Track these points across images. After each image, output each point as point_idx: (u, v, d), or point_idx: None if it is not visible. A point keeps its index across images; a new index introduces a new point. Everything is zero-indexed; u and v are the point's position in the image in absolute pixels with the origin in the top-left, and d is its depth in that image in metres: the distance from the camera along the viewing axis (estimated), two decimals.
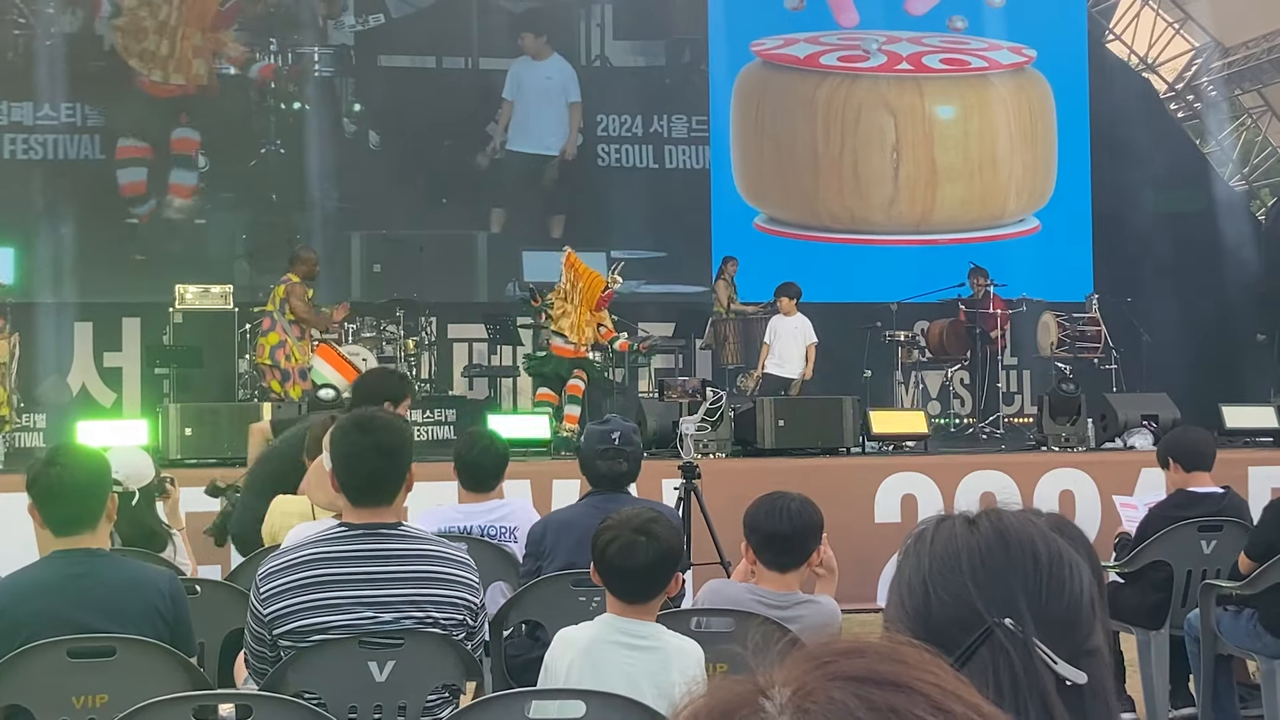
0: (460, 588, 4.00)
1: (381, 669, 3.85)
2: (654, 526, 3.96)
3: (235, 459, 10.59)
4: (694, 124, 17.92)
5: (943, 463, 11.20)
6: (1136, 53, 20.81)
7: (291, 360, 12.66)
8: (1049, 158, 18.63)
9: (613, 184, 17.15)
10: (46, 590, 4.04)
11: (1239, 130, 21.78)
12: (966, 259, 15.78)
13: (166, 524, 5.89)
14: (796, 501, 4.63)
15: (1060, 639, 1.53)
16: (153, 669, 3.94)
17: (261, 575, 3.94)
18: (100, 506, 4.15)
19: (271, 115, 16.98)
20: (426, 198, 16.65)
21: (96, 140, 16.31)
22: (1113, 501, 9.57)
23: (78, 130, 16.27)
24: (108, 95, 16.23)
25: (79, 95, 16.22)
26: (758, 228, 17.86)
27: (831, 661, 1.00)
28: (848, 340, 15.64)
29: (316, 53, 17.13)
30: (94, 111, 16.26)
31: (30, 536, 4.35)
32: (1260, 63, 20.15)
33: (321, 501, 5.22)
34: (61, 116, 16.20)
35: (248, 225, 16.56)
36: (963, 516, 1.63)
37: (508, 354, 15.25)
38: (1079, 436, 12.05)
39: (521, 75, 17.47)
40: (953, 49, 18.46)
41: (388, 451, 3.92)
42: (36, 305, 15.07)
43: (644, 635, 3.86)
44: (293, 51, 17.09)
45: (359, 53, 17.32)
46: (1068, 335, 14.62)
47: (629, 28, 18.01)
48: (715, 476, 9.21)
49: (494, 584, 5.49)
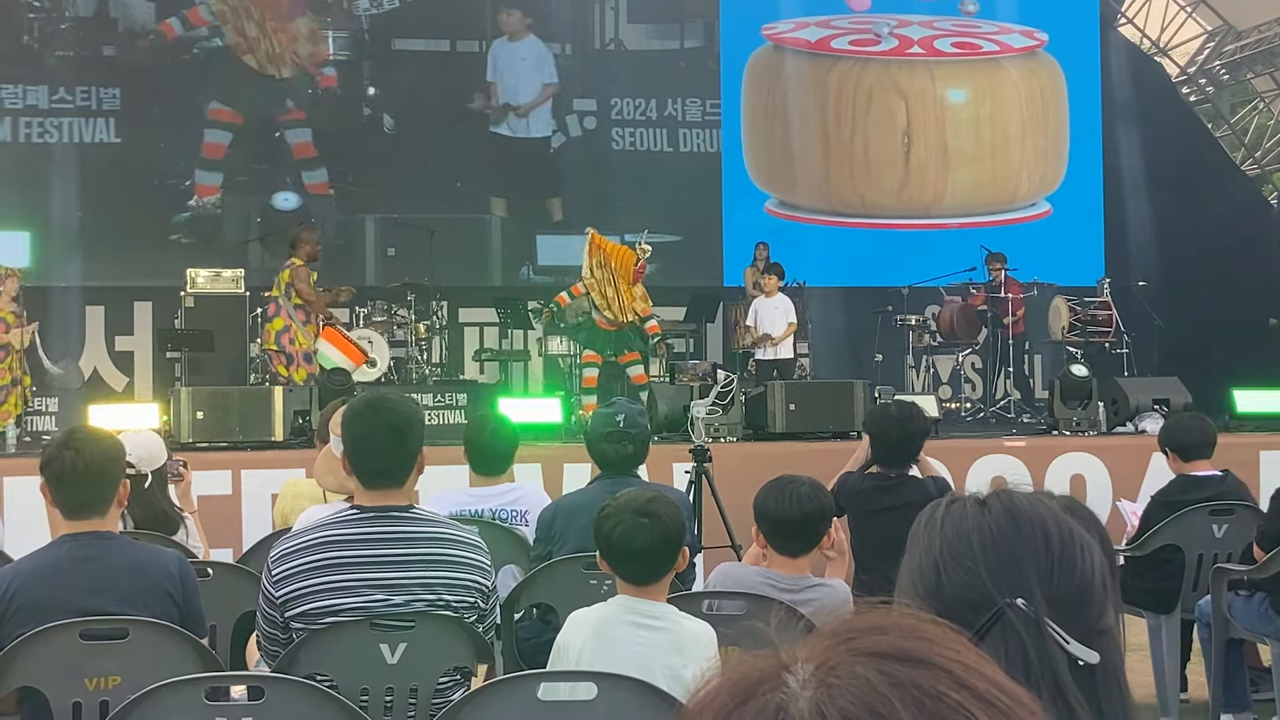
0: (472, 570, 4.00)
1: (393, 651, 3.85)
2: (654, 506, 3.94)
3: (246, 442, 10.64)
4: (708, 107, 17.90)
5: (954, 447, 11.19)
6: (1149, 36, 20.74)
7: (296, 344, 12.71)
8: (1060, 142, 18.59)
9: (626, 167, 17.15)
10: (56, 574, 4.04)
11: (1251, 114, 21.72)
12: (977, 243, 15.76)
13: (179, 507, 5.90)
14: (806, 486, 4.62)
15: (1072, 619, 1.53)
16: (164, 651, 3.95)
17: (273, 558, 3.95)
18: (112, 493, 4.15)
19: (289, 99, 17.01)
20: (440, 181, 16.66)
21: (111, 123, 16.32)
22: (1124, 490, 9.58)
23: (92, 114, 16.28)
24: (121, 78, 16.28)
25: (94, 79, 16.25)
26: (769, 212, 17.85)
27: (855, 637, 1.00)
28: (859, 324, 15.64)
29: (332, 36, 17.14)
30: (109, 95, 16.28)
31: (43, 518, 4.36)
32: (1273, 46, 20.08)
33: (331, 485, 5.22)
34: (77, 100, 16.22)
35: (262, 208, 16.59)
36: (973, 497, 1.63)
37: (519, 338, 15.26)
38: (1090, 421, 12.04)
39: (498, 56, 17.49)
40: (964, 33, 18.42)
41: (399, 432, 3.92)
42: (49, 289, 15.11)
43: (656, 615, 3.86)
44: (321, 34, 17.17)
45: (373, 36, 17.32)
46: (1079, 319, 14.59)
47: (643, 10, 17.99)
48: (726, 460, 9.21)
49: (505, 567, 5.50)
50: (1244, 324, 16.99)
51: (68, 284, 15.45)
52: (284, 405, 10.85)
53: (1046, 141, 18.55)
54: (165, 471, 5.81)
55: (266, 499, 9.29)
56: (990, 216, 18.02)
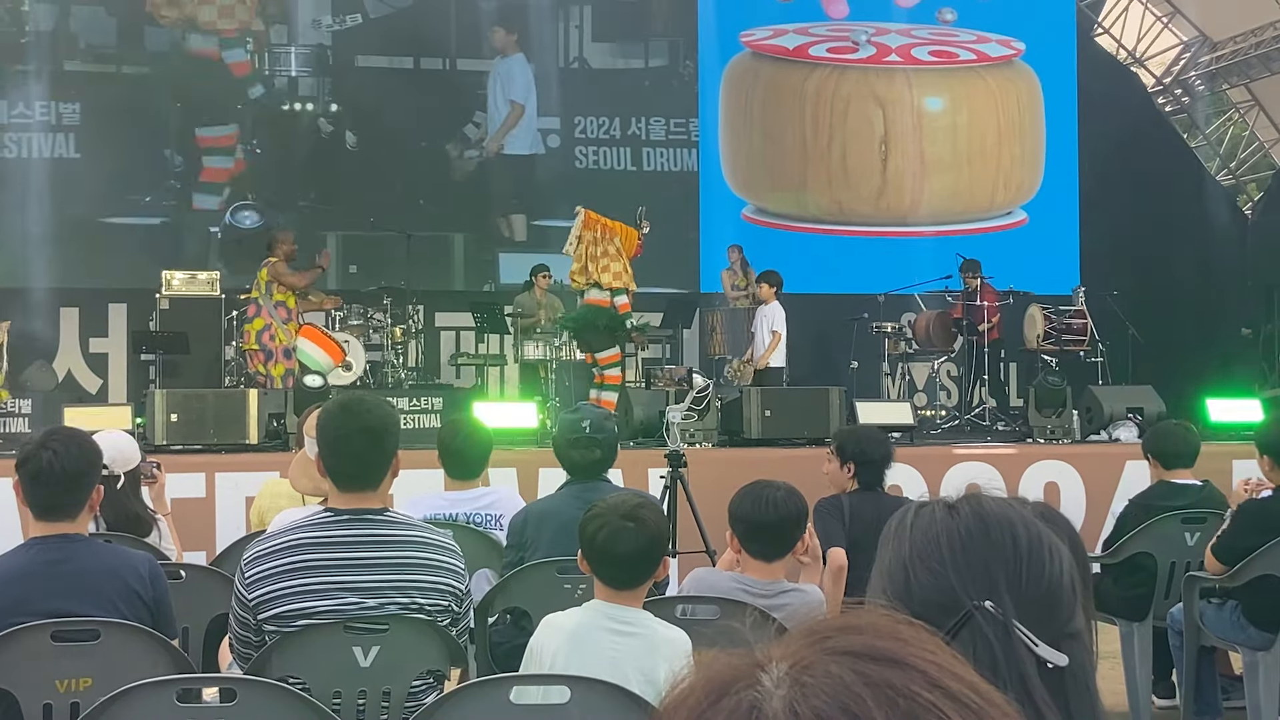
0: (446, 574, 4.00)
1: (366, 654, 3.84)
2: (642, 512, 3.96)
3: (220, 445, 10.61)
4: (672, 126, 17.91)
5: (928, 454, 11.21)
6: (1125, 46, 20.85)
7: (276, 340, 12.78)
8: (1037, 151, 18.66)
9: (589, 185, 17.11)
10: (24, 578, 4.02)
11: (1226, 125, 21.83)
12: (954, 251, 15.78)
13: (152, 509, 5.88)
14: (781, 491, 4.63)
15: (1041, 622, 1.53)
16: (136, 653, 3.94)
17: (247, 560, 3.94)
18: (85, 497, 4.13)
19: (249, 115, 16.95)
20: (403, 199, 16.61)
21: (71, 139, 16.21)
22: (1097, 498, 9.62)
23: (53, 129, 16.14)
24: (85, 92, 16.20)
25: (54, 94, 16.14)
26: (746, 219, 17.87)
27: (829, 637, 1.00)
28: (834, 331, 15.65)
29: (294, 52, 17.09)
30: (69, 110, 16.17)
31: (15, 517, 4.34)
32: (1248, 57, 20.19)
33: (306, 488, 5.21)
34: (36, 115, 16.10)
35: (222, 225, 16.53)
36: (943, 502, 1.64)
37: (495, 343, 15.23)
38: (1064, 429, 12.08)
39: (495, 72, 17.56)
40: (942, 41, 18.48)
41: (374, 434, 3.91)
42: (20, 290, 15.03)
43: (630, 621, 3.86)
44: (269, 51, 17.06)
45: (336, 53, 17.28)
46: (1054, 328, 14.62)
47: (608, 29, 17.98)
48: (701, 465, 9.21)
49: (479, 571, 5.49)
50: (1218, 334, 17.08)
51: (44, 286, 15.36)
52: (258, 408, 10.84)
53: (1023, 150, 18.62)
54: (138, 473, 5.80)
55: (240, 502, 9.27)
56: (966, 224, 18.07)
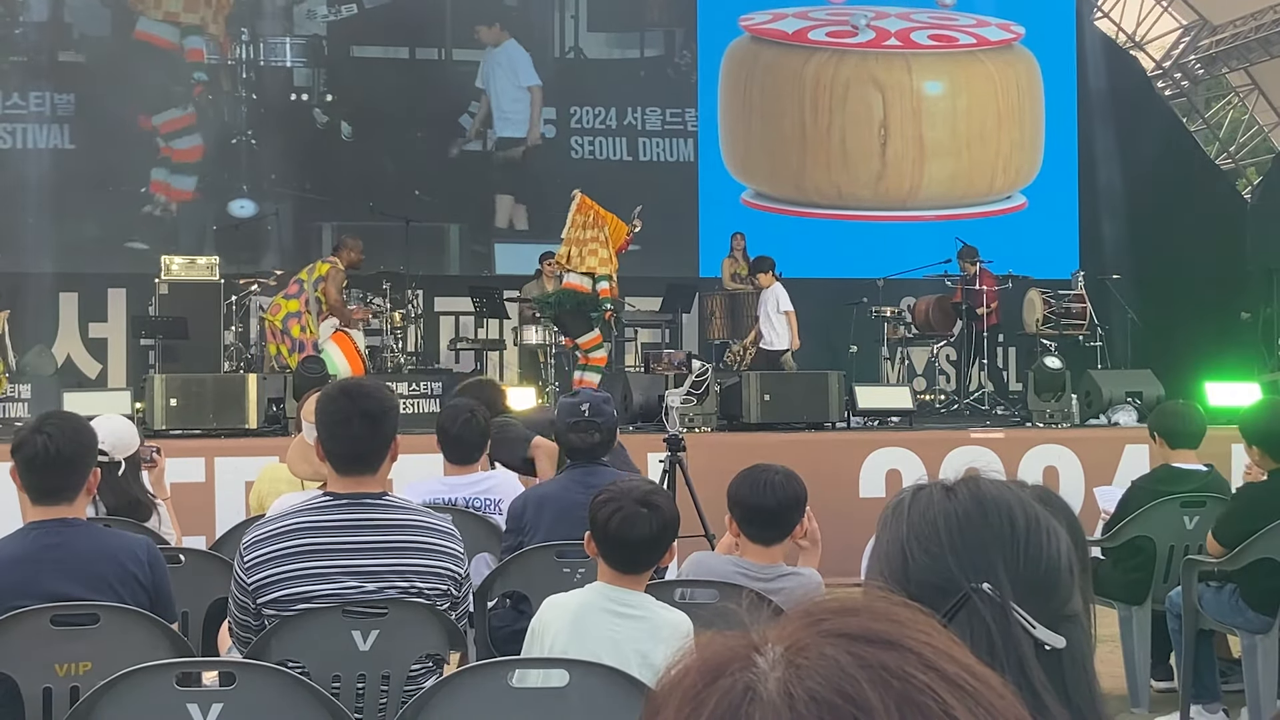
0: (445, 558, 4.00)
1: (365, 638, 3.85)
2: (655, 498, 3.97)
3: (220, 430, 10.61)
4: (668, 116, 17.88)
5: (927, 438, 11.22)
6: (1125, 30, 20.82)
7: (307, 333, 12.75)
8: (1036, 135, 18.64)
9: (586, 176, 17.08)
10: (23, 562, 4.01)
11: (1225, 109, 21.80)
12: (953, 235, 15.79)
13: (152, 494, 5.88)
14: (780, 475, 4.62)
15: (1038, 604, 1.53)
16: (135, 637, 3.94)
17: (246, 544, 3.94)
18: (82, 480, 4.12)
19: (243, 105, 16.92)
20: (398, 189, 16.59)
21: (66, 129, 16.18)
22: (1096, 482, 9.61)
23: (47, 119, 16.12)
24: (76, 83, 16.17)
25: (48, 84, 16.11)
26: (745, 203, 17.86)
27: (825, 619, 1.00)
28: (834, 316, 15.66)
29: (289, 43, 17.06)
30: (63, 100, 16.14)
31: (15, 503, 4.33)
32: (1247, 41, 20.16)
33: (305, 473, 5.22)
34: (30, 105, 16.08)
35: (218, 215, 16.51)
36: (940, 484, 1.64)
37: (494, 327, 15.23)
38: (1064, 413, 12.09)
39: (487, 64, 17.51)
40: (941, 25, 18.45)
41: (373, 419, 3.91)
42: (20, 275, 15.02)
43: (633, 604, 3.87)
44: (264, 41, 17.03)
45: (331, 43, 17.25)
46: (1053, 312, 14.62)
47: (603, 19, 17.96)
48: (700, 450, 9.22)
49: (478, 555, 5.49)
50: (1217, 317, 17.07)
51: (43, 271, 15.35)
52: (258, 393, 10.84)
53: (1022, 134, 18.60)
54: (138, 458, 5.79)
55: (240, 486, 9.27)
56: (966, 209, 18.06)
